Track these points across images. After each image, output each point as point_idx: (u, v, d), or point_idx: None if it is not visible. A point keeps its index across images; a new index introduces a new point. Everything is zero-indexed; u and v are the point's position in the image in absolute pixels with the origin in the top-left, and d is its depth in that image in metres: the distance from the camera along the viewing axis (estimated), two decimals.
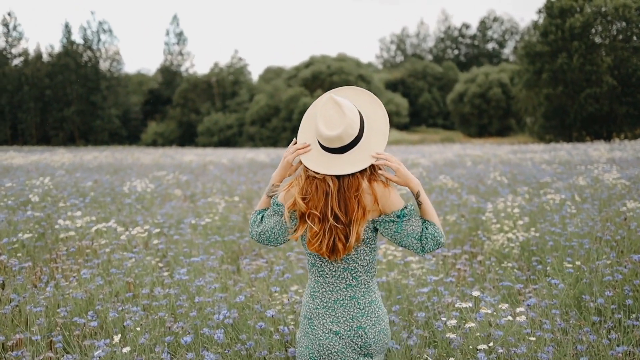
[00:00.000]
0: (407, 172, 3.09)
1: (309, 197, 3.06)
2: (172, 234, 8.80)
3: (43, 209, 10.36)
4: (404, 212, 3.06)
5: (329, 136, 2.96)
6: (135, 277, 6.31)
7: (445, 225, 9.28)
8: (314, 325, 3.17)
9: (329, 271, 3.15)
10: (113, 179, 16.59)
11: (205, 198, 12.54)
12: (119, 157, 29.02)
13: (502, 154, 26.60)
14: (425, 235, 3.07)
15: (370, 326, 3.13)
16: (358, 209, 3.00)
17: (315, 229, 3.04)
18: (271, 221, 3.22)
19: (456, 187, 12.90)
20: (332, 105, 2.98)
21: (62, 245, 8.21)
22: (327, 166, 3.02)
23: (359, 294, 3.14)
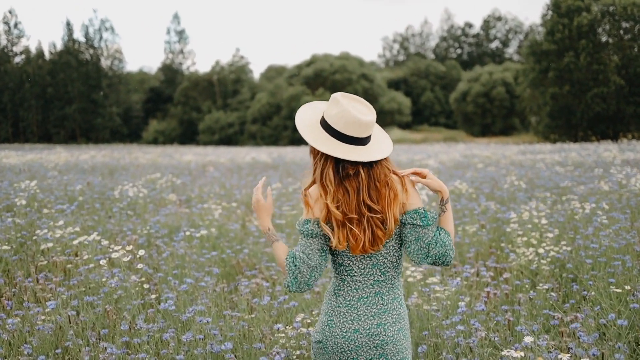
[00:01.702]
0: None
1: (341, 204, 3.03)
2: (163, 249, 7.97)
3: (26, 215, 9.54)
4: (431, 217, 3.07)
5: (366, 121, 3.00)
6: (117, 302, 5.48)
7: (465, 236, 8.46)
8: (333, 323, 3.12)
9: (357, 269, 3.11)
10: (106, 181, 15.79)
11: (202, 203, 11.73)
12: (117, 157, 28.22)
13: (511, 154, 25.82)
14: (436, 240, 3.05)
15: (390, 323, 3.09)
16: (389, 192, 3.02)
17: (358, 230, 3.01)
18: (313, 248, 3.08)
19: (471, 193, 12.07)
20: (351, 99, 3.06)
21: (42, 258, 7.41)
22: (363, 155, 3.01)
23: (384, 290, 3.11)
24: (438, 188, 3.11)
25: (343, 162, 3.04)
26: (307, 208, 3.12)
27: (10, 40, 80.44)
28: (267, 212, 3.28)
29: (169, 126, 77.13)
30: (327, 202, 3.02)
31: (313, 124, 3.15)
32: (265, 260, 7.80)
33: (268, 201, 3.29)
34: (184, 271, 6.58)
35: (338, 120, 3.04)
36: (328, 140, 3.05)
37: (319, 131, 3.10)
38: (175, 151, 38.74)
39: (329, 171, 3.05)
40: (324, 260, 3.10)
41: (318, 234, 3.07)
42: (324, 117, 3.12)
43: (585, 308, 5.25)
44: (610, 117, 53.53)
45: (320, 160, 3.08)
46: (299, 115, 3.20)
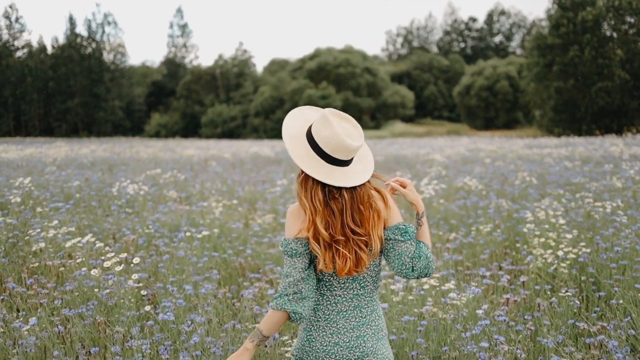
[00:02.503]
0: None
1: (329, 224, 2.99)
2: (163, 250, 7.60)
3: (19, 214, 9.17)
4: (411, 231, 3.06)
5: (354, 147, 2.97)
6: (110, 311, 5.11)
7: (478, 237, 8.07)
8: (312, 337, 3.10)
9: (337, 284, 3.08)
10: (105, 176, 15.40)
11: (203, 201, 11.34)
12: (117, 151, 27.83)
13: (517, 149, 25.42)
14: (419, 254, 3.06)
15: (369, 335, 3.09)
16: (373, 215, 3.00)
17: (345, 251, 2.97)
18: (297, 267, 3.02)
19: (481, 189, 11.68)
20: (341, 119, 3.02)
21: (34, 260, 7.05)
22: (345, 180, 2.98)
23: (363, 303, 3.10)
24: (414, 201, 3.13)
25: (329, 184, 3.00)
26: (288, 225, 3.09)
27: (12, 34, 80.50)
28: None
29: (171, 120, 76.91)
30: (317, 222, 2.98)
31: (300, 139, 3.08)
32: (269, 263, 7.42)
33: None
34: (182, 277, 6.21)
35: (327, 144, 2.99)
36: (315, 162, 3.00)
37: (306, 149, 3.05)
38: (178, 145, 38.34)
39: (318, 191, 3.01)
40: (312, 272, 3.05)
41: (303, 253, 3.02)
42: (312, 133, 3.04)
43: (614, 319, 4.88)
44: (615, 111, 53.21)
45: (309, 178, 3.03)
46: (286, 126, 3.12)
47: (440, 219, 9.67)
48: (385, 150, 27.34)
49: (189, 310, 5.51)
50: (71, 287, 5.60)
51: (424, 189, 10.70)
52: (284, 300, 2.98)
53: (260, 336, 3.02)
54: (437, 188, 10.98)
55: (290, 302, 2.98)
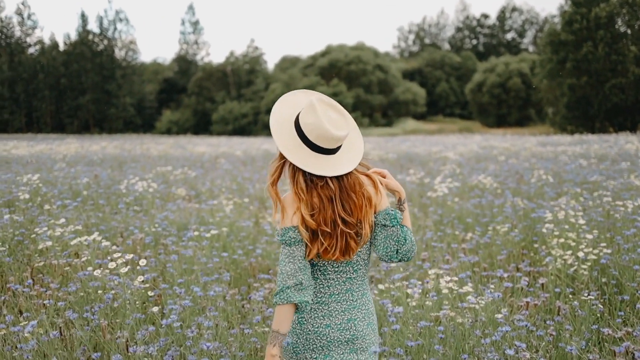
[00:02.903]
0: None
1: (316, 212, 2.98)
2: (172, 249, 7.41)
3: (26, 211, 9.00)
4: (399, 217, 3.08)
5: (339, 136, 2.96)
6: (115, 314, 4.93)
7: (495, 236, 7.85)
8: (303, 319, 3.09)
9: (331, 268, 3.09)
10: (114, 173, 15.22)
11: (212, 199, 11.15)
12: (128, 148, 27.67)
13: (531, 146, 25.13)
14: (404, 238, 3.08)
15: (360, 319, 3.11)
16: (365, 202, 3.01)
17: (327, 243, 2.98)
18: (296, 255, 2.99)
19: (495, 187, 11.45)
20: (328, 107, 2.99)
21: (39, 258, 6.88)
22: (328, 169, 2.98)
23: (355, 287, 3.12)
24: (396, 188, 3.17)
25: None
26: (282, 214, 3.04)
27: (24, 31, 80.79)
28: None
29: (182, 116, 76.81)
30: (302, 211, 2.97)
31: (286, 123, 3.06)
32: None
33: None
34: (190, 278, 6.02)
35: (311, 131, 2.97)
36: (298, 149, 3.00)
37: (290, 134, 3.04)
38: (188, 142, 38.18)
39: (300, 178, 3.01)
40: (307, 261, 3.03)
41: (301, 241, 3.00)
42: (298, 119, 3.03)
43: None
44: (629, 108, 52.67)
45: (288, 164, 3.05)
46: (275, 111, 3.09)
47: (454, 217, 9.45)
48: (397, 147, 27.11)
49: (197, 312, 5.33)
50: (75, 288, 5.43)
51: (438, 187, 10.48)
52: (288, 292, 2.94)
53: (279, 337, 2.96)
54: (451, 186, 10.76)
55: (295, 294, 2.94)
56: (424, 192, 11.74)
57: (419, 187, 12.26)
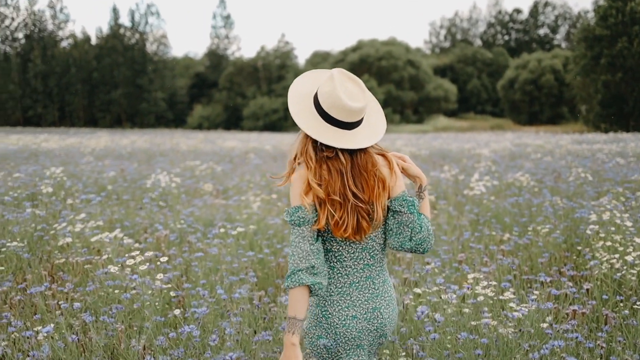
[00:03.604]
0: None
1: (325, 182, 2.90)
2: (197, 246, 7.12)
3: (48, 205, 8.77)
4: (417, 204, 2.99)
5: (353, 108, 2.88)
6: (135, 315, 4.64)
7: (537, 236, 7.45)
8: (328, 313, 3.00)
9: (347, 254, 3.01)
10: (142, 167, 15.00)
11: (240, 195, 10.85)
12: (158, 142, 27.55)
13: (565, 144, 24.59)
14: (420, 225, 2.98)
15: (384, 307, 3.06)
16: (377, 183, 2.93)
17: (338, 214, 2.89)
18: (305, 235, 2.90)
19: (533, 186, 11.03)
20: (347, 78, 2.94)
21: (59, 255, 6.63)
22: (341, 141, 2.89)
23: (374, 274, 3.06)
24: (416, 174, 3.09)
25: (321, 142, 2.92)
26: (291, 192, 2.96)
27: (57, 24, 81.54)
28: None
29: (213, 112, 76.85)
30: (309, 178, 2.89)
31: (305, 96, 3.03)
32: None
33: None
34: (215, 279, 5.72)
35: (325, 100, 2.92)
36: (310, 117, 2.95)
37: (307, 104, 3.00)
38: (219, 137, 38.05)
39: (309, 147, 2.95)
40: (320, 245, 2.93)
41: (310, 221, 2.91)
42: (317, 91, 2.98)
43: None
44: None
45: (304, 134, 2.98)
46: (297, 81, 3.08)
47: (491, 217, 9.06)
48: (429, 144, 26.70)
49: (221, 316, 5.04)
50: (92, 288, 5.16)
51: (474, 185, 10.10)
52: (300, 275, 2.84)
53: (296, 322, 2.85)
54: (488, 184, 10.38)
55: (307, 276, 2.84)
56: (459, 190, 11.36)
57: (454, 185, 11.87)
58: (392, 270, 6.40)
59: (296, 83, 3.08)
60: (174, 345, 4.30)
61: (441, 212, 9.38)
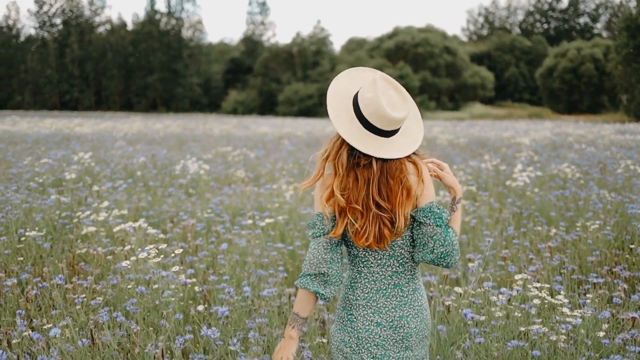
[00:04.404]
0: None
1: (348, 191, 2.83)
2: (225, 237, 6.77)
3: (74, 192, 8.49)
4: (445, 217, 2.84)
5: (394, 118, 2.78)
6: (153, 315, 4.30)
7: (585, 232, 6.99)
8: (353, 317, 2.95)
9: (373, 260, 2.93)
10: (172, 153, 14.71)
11: (272, 183, 10.49)
12: (191, 127, 27.34)
13: (608, 134, 23.90)
14: (444, 239, 2.82)
15: (412, 316, 2.95)
16: (402, 191, 2.81)
17: (359, 224, 2.82)
18: (320, 244, 2.87)
19: (578, 178, 10.52)
20: (389, 85, 2.85)
21: (82, 245, 6.33)
22: (379, 150, 2.80)
23: (403, 282, 2.95)
24: (452, 185, 3.00)
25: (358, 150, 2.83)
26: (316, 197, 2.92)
27: (94, 10, 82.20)
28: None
29: (248, 97, 76.88)
30: (334, 186, 2.83)
31: (344, 98, 2.92)
32: None
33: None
34: (242, 274, 5.36)
35: (367, 107, 2.81)
36: (349, 122, 2.85)
37: (346, 107, 2.89)
38: (253, 122, 37.82)
39: (344, 153, 2.86)
40: (337, 254, 2.91)
41: (327, 231, 2.87)
42: (358, 95, 2.87)
43: None
44: None
45: (339, 138, 2.88)
46: (337, 82, 2.97)
47: (535, 210, 8.59)
48: (466, 132, 26.16)
49: (247, 314, 4.68)
50: (114, 282, 4.84)
51: (517, 176, 9.63)
52: (307, 280, 2.88)
53: (298, 319, 2.92)
54: (532, 175, 9.90)
55: (313, 283, 2.87)
56: (500, 181, 10.88)
57: (495, 175, 11.39)
58: (430, 266, 6.00)
59: (335, 83, 2.96)
60: (194, 349, 3.96)
61: (482, 204, 8.92)
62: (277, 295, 4.96)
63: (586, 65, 69.42)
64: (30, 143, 17.78)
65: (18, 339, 4.09)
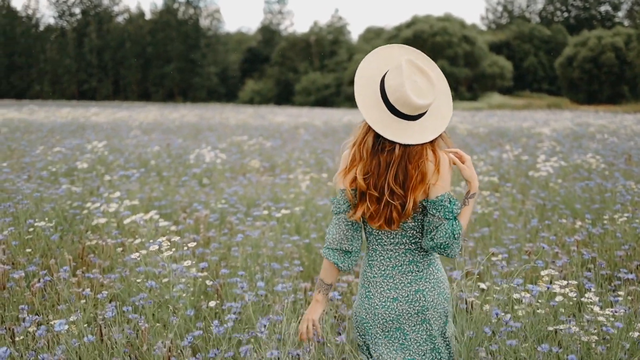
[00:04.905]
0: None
1: (369, 176, 2.90)
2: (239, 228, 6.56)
3: (85, 181, 8.31)
4: (455, 210, 2.90)
5: (419, 105, 2.79)
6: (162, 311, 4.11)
7: (613, 225, 6.71)
8: (371, 294, 3.03)
9: (386, 239, 3.02)
10: (187, 142, 14.52)
11: (288, 173, 10.27)
12: (207, 116, 27.16)
13: (630, 124, 23.49)
14: (446, 229, 2.87)
15: (428, 289, 3.00)
16: (417, 175, 2.85)
17: (373, 208, 2.90)
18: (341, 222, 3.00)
19: (603, 168, 10.23)
20: (416, 70, 2.81)
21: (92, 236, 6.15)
22: (402, 135, 2.82)
23: (418, 258, 3.02)
24: (469, 178, 3.00)
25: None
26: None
27: (112, 0, 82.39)
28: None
29: (265, 86, 76.76)
30: (357, 171, 2.90)
31: (372, 83, 2.91)
32: None
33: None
34: (255, 267, 5.15)
35: (392, 94, 2.82)
36: (375, 107, 2.86)
37: (374, 93, 2.90)
38: (269, 112, 37.63)
39: (369, 139, 2.89)
40: (357, 231, 3.03)
41: (346, 210, 2.99)
42: (384, 79, 2.87)
43: None
44: None
45: (366, 124, 2.90)
46: (363, 64, 2.95)
47: (559, 202, 8.30)
48: (485, 122, 25.83)
49: (261, 310, 4.48)
50: (121, 275, 4.64)
51: (541, 167, 9.36)
52: (329, 251, 3.04)
53: (323, 285, 3.11)
54: (556, 165, 9.62)
55: (334, 254, 3.02)
56: (522, 172, 10.60)
57: (517, 165, 11.11)
58: (452, 261, 5.77)
59: (362, 66, 2.94)
60: (202, 348, 3.76)
61: (504, 195, 8.66)
62: (292, 290, 4.75)
63: (607, 55, 68.67)
64: (46, 132, 17.67)
65: (22, 335, 3.92)
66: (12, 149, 13.08)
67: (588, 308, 4.14)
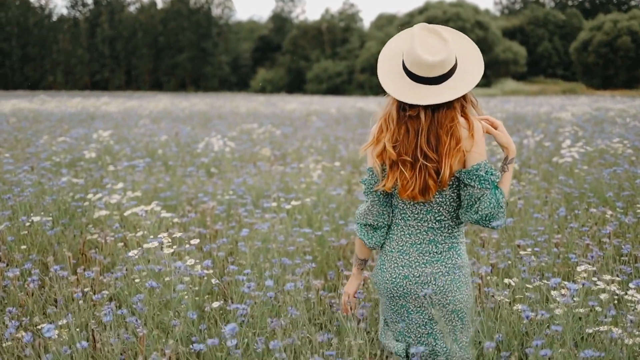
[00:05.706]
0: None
1: (398, 144, 2.85)
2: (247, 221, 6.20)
3: (88, 172, 7.97)
4: (494, 179, 2.83)
5: (432, 62, 2.74)
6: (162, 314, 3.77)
7: None
8: (384, 267, 3.03)
9: (411, 214, 2.97)
10: (196, 131, 14.18)
11: (299, 161, 9.90)
12: (218, 105, 26.86)
13: None
14: (489, 199, 2.80)
15: (443, 273, 2.93)
16: (451, 140, 2.78)
17: (408, 174, 2.84)
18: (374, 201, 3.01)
19: (630, 154, 9.79)
20: (428, 32, 2.82)
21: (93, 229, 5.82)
22: (423, 97, 2.76)
23: (440, 238, 2.96)
24: (505, 144, 2.94)
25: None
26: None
27: None
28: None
29: (277, 75, 76.59)
30: (385, 140, 2.86)
31: (394, 56, 2.92)
32: None
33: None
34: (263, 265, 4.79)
35: (407, 58, 2.82)
36: (397, 78, 2.86)
37: (394, 64, 2.90)
38: (281, 100, 37.32)
39: (393, 108, 2.88)
40: (387, 207, 3.02)
41: (378, 183, 2.97)
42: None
43: None
44: None
45: (389, 97, 2.90)
46: (388, 44, 2.99)
47: (588, 190, 7.85)
48: (501, 107, 25.40)
49: (270, 311, 4.13)
50: (119, 275, 4.31)
51: (565, 152, 8.94)
52: (358, 227, 3.09)
53: (358, 260, 3.20)
54: (582, 151, 9.21)
55: (362, 230, 3.06)
56: (545, 158, 10.18)
57: (539, 151, 10.69)
58: (475, 252, 5.39)
59: (385, 47, 2.98)
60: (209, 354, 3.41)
61: (528, 183, 8.24)
62: (305, 288, 4.40)
63: (623, 39, 67.94)
64: (54, 121, 17.43)
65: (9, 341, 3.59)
66: (19, 139, 12.80)
67: (630, 307, 3.77)
